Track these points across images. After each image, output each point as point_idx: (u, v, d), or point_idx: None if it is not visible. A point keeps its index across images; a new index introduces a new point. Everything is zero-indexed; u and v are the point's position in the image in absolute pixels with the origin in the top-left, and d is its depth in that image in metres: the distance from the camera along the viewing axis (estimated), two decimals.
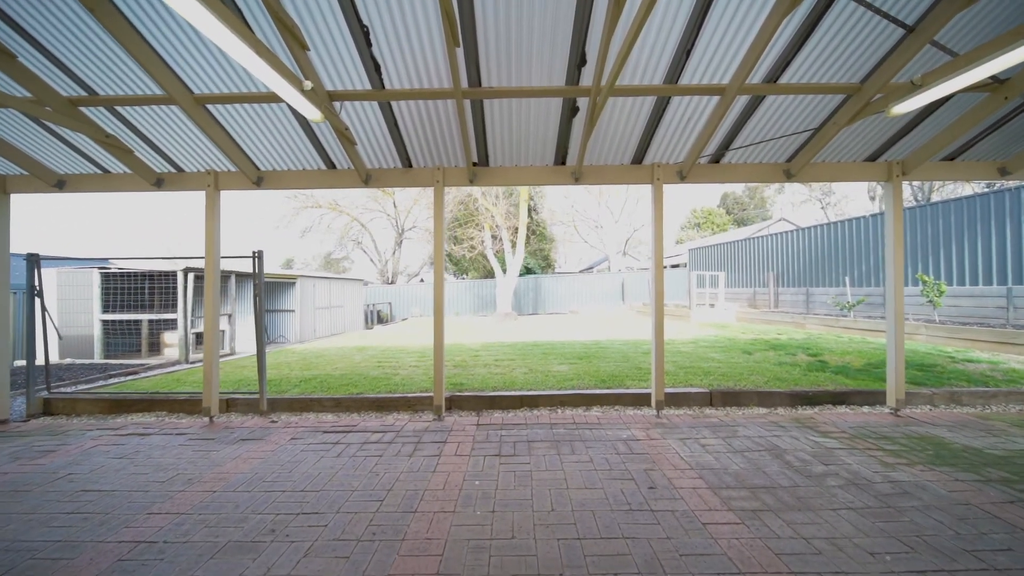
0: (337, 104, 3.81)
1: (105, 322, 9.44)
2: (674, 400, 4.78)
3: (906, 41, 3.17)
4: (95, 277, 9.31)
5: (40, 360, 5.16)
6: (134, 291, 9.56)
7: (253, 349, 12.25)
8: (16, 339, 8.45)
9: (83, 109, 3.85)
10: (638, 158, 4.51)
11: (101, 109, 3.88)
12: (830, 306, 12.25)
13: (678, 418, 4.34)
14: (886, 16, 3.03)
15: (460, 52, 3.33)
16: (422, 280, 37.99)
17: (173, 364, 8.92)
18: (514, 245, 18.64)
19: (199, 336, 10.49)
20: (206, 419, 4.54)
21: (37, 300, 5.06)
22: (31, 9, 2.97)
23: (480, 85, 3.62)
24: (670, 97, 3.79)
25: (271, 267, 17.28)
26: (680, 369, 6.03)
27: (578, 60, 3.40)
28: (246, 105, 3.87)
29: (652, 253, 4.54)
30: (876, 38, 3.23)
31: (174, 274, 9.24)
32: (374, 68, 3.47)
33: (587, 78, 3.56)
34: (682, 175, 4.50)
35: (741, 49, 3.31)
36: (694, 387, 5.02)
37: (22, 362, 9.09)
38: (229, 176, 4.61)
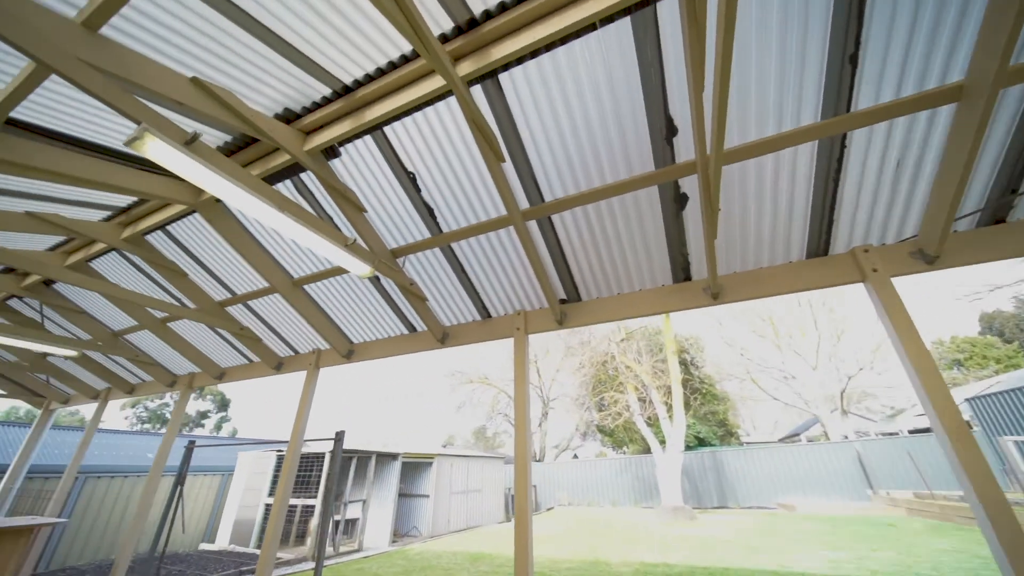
0: (401, 260, 3.55)
1: (268, 507, 10.12)
2: None
3: None
4: (272, 460, 10.58)
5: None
6: (298, 475, 10.33)
7: (384, 544, 11.28)
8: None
9: (228, 308, 4.55)
10: (819, 246, 2.78)
11: (239, 306, 4.52)
12: None
13: None
14: None
15: (511, 170, 2.78)
16: (575, 456, 33.99)
17: (300, 561, 8.45)
18: (670, 409, 15.16)
19: (339, 525, 10.17)
20: None
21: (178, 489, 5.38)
22: (191, 232, 3.77)
23: (543, 200, 2.89)
24: (845, 136, 2.32)
25: (425, 446, 17.70)
26: None
27: (664, 131, 2.43)
28: (333, 280, 3.97)
29: (923, 400, 2.23)
30: None
31: (322, 455, 9.78)
32: (428, 213, 3.16)
33: (685, 150, 2.48)
34: (927, 256, 2.48)
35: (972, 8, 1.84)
36: None
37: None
38: (328, 353, 4.63)
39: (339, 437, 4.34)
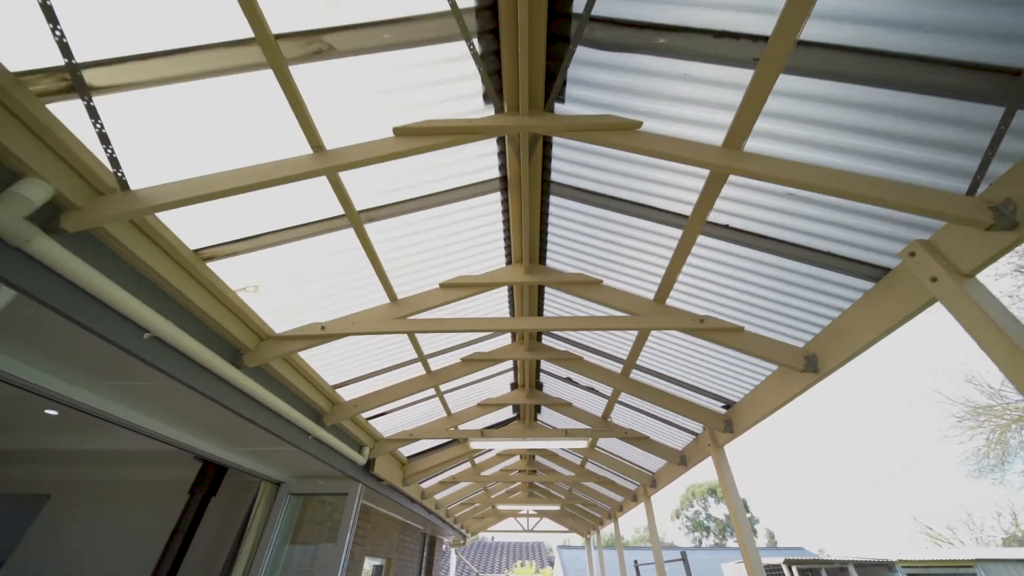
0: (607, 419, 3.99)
1: None
2: None
3: None
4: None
5: None
6: None
7: None
8: None
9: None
10: None
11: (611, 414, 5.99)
12: None
13: None
14: None
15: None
16: None
17: None
18: None
19: None
20: None
21: None
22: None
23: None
24: None
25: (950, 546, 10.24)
26: None
27: None
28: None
29: None
30: None
31: (777, 567, 8.36)
32: (591, 390, 3.65)
33: None
34: None
35: None
36: None
37: None
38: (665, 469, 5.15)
39: (683, 557, 4.43)
